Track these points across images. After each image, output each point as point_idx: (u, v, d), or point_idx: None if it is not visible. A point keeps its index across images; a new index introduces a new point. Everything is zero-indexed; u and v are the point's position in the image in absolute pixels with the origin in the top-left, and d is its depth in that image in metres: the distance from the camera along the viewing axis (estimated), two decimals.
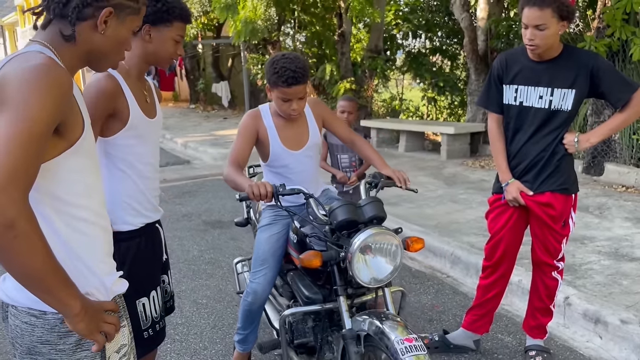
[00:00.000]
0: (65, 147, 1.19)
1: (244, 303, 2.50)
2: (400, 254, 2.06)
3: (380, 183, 2.31)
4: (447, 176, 6.88)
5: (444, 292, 3.78)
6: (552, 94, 2.50)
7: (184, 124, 13.46)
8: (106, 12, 1.24)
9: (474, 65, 8.33)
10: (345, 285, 2.12)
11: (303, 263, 2.07)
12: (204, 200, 6.38)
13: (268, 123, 2.40)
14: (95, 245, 1.31)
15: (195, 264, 4.36)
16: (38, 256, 1.06)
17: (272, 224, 2.47)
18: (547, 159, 2.54)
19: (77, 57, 1.27)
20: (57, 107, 1.11)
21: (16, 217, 1.02)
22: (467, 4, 8.20)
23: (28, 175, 1.06)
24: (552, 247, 2.64)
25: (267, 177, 2.53)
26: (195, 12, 13.76)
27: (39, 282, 1.09)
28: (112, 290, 1.33)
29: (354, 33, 12.91)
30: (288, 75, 2.22)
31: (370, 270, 2.03)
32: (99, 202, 1.33)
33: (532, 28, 2.36)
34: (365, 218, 2.08)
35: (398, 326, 1.89)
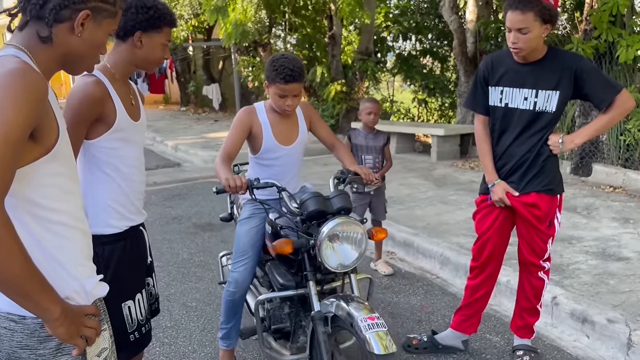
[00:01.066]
0: (41, 153, 1.19)
1: (226, 293, 2.61)
2: (365, 242, 2.24)
3: (348, 178, 2.50)
4: (437, 177, 6.91)
5: (433, 293, 3.80)
6: (537, 95, 2.52)
7: (175, 126, 13.41)
8: (83, 14, 1.24)
9: (464, 67, 8.38)
10: (314, 271, 2.28)
11: (276, 250, 2.24)
12: (194, 203, 6.37)
13: (263, 119, 2.55)
14: (75, 248, 1.30)
15: (185, 266, 4.35)
16: (15, 262, 1.05)
17: (250, 217, 2.61)
18: (533, 160, 2.57)
19: (53, 60, 1.26)
20: (32, 112, 1.11)
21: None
22: (456, 7, 8.26)
23: (3, 181, 1.05)
24: (538, 247, 2.66)
25: (254, 169, 2.65)
26: (186, 15, 13.74)
27: (17, 287, 1.08)
28: (92, 294, 1.32)
29: (344, 35, 12.94)
30: (286, 73, 2.38)
31: (338, 256, 2.21)
32: (77, 206, 1.33)
33: (515, 31, 2.39)
34: (334, 209, 2.25)
35: (363, 308, 2.05)
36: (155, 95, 19.74)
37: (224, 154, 2.44)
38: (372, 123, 4.00)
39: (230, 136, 2.50)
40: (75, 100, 1.78)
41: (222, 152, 2.45)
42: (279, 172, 2.58)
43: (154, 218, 5.74)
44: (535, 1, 2.34)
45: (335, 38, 10.61)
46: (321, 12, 11.30)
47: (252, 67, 11.73)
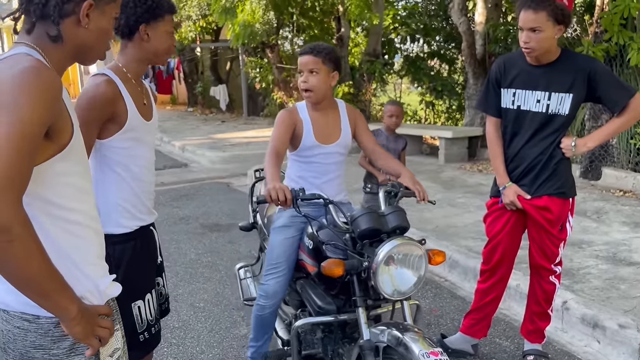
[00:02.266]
0: (55, 151, 1.19)
1: (255, 308, 2.44)
2: (424, 266, 2.01)
3: (400, 193, 2.27)
4: (445, 180, 6.88)
5: (442, 296, 3.77)
6: (550, 98, 2.50)
7: (182, 127, 13.44)
8: (87, 5, 1.23)
9: (472, 69, 8.34)
10: (364, 296, 2.06)
11: (325, 271, 2.00)
12: (201, 204, 6.37)
13: (304, 116, 2.44)
14: (89, 248, 1.30)
15: (193, 267, 4.35)
16: (34, 260, 1.05)
17: (287, 226, 2.41)
18: (545, 163, 2.55)
19: (65, 56, 1.26)
20: (48, 110, 1.11)
21: (11, 221, 1.01)
22: (465, 9, 8.23)
23: (22, 178, 1.05)
24: (550, 251, 2.64)
25: (292, 166, 2.53)
26: (194, 16, 13.77)
27: (36, 286, 1.08)
28: (105, 294, 1.32)
29: (352, 37, 12.93)
30: (304, 47, 2.44)
31: (394, 282, 1.97)
32: (90, 205, 1.33)
33: (527, 31, 2.38)
34: (389, 228, 2.02)
35: (419, 338, 1.83)
36: (162, 96, 19.77)
37: (272, 151, 2.31)
38: (394, 126, 4.03)
39: (275, 134, 2.38)
40: (86, 100, 1.78)
41: (270, 149, 2.33)
42: (317, 170, 2.45)
43: (162, 218, 5.74)
44: (547, 1, 2.33)
45: (343, 39, 10.60)
46: (329, 13, 11.30)
47: (259, 68, 11.73)
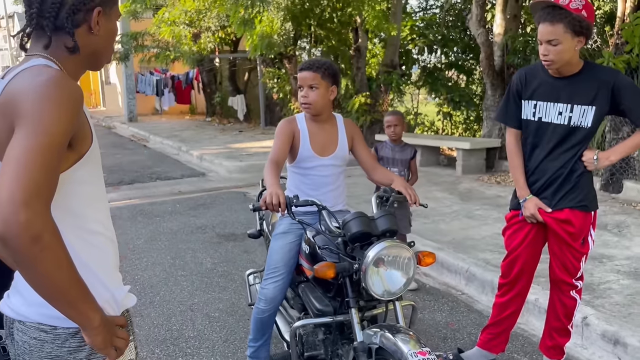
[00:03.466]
0: (75, 160, 1.20)
1: (255, 311, 2.53)
2: (413, 267, 2.09)
3: (392, 197, 2.35)
4: (463, 191, 6.82)
5: (459, 310, 3.72)
6: (572, 110, 2.47)
7: (200, 136, 13.55)
8: (96, 12, 1.26)
9: (490, 80, 8.29)
10: (356, 298, 2.14)
11: (317, 274, 2.09)
12: (218, 213, 6.39)
13: (302, 127, 2.54)
14: (106, 257, 1.31)
15: (209, 276, 4.36)
16: (63, 269, 1.06)
17: (286, 232, 2.52)
18: (566, 176, 2.51)
19: (79, 64, 1.29)
20: (71, 120, 1.12)
21: (42, 230, 1.02)
22: (483, 20, 8.20)
23: (50, 188, 1.06)
24: (571, 265, 2.59)
25: (291, 178, 2.62)
26: (213, 27, 13.92)
27: (63, 294, 1.08)
28: (122, 304, 1.32)
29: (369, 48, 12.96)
30: (305, 62, 2.51)
31: (384, 282, 2.05)
32: (106, 214, 1.34)
33: (545, 43, 2.35)
34: (379, 231, 2.12)
35: (410, 339, 1.90)
36: (181, 106, 20.04)
37: (271, 160, 2.40)
38: (394, 136, 3.98)
39: (276, 144, 2.48)
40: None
41: (270, 159, 2.42)
42: (315, 182, 2.53)
43: (179, 227, 5.78)
44: (564, 13, 2.30)
45: (361, 50, 10.63)
46: (347, 24, 11.34)
47: (277, 79, 11.80)
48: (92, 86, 29.84)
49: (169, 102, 19.19)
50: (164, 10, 14.20)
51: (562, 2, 2.31)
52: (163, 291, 4.05)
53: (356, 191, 6.04)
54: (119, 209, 6.62)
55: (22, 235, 0.99)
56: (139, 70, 19.35)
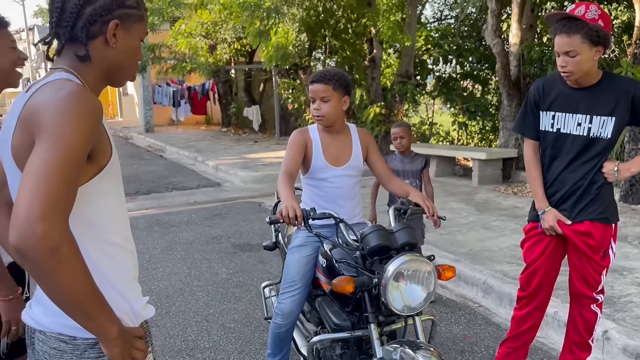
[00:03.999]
0: (95, 172, 1.21)
1: (272, 326, 2.51)
2: (433, 282, 2.05)
3: (410, 210, 2.32)
4: (479, 202, 6.76)
5: (476, 322, 3.68)
6: (591, 121, 2.44)
7: (216, 146, 13.64)
8: (113, 24, 1.25)
9: (506, 90, 8.24)
10: (376, 313, 2.10)
11: (336, 288, 2.06)
12: (233, 223, 6.41)
13: (314, 137, 2.53)
14: (125, 269, 1.31)
15: (224, 287, 4.36)
16: (80, 280, 1.07)
17: (302, 245, 2.49)
18: (586, 188, 2.47)
19: (98, 78, 1.29)
20: (90, 133, 1.13)
21: (60, 242, 1.03)
22: (499, 30, 8.17)
23: (68, 201, 1.08)
24: (592, 279, 2.54)
25: (305, 191, 2.60)
26: (229, 38, 14.06)
27: (80, 306, 1.09)
28: (141, 315, 1.33)
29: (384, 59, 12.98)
30: (315, 75, 2.47)
31: (404, 297, 2.01)
32: (125, 225, 1.35)
33: (563, 55, 2.33)
34: (398, 244, 2.08)
35: (432, 356, 1.86)
36: (197, 116, 20.23)
37: (284, 172, 2.38)
38: (401, 147, 3.93)
39: (288, 155, 2.46)
40: None
41: (283, 170, 2.40)
42: (329, 194, 2.50)
43: (194, 237, 5.81)
44: (581, 23, 2.28)
45: (375, 61, 10.65)
46: (361, 35, 11.38)
47: (292, 90, 11.86)
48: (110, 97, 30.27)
49: (185, 113, 19.38)
50: (180, 22, 14.39)
51: (577, 13, 2.29)
52: (179, 301, 4.07)
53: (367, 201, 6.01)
54: (135, 219, 6.67)
55: (39, 247, 1.00)
56: (156, 82, 19.59)
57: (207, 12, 13.10)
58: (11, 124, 1.19)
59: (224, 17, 12.40)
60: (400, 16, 10.87)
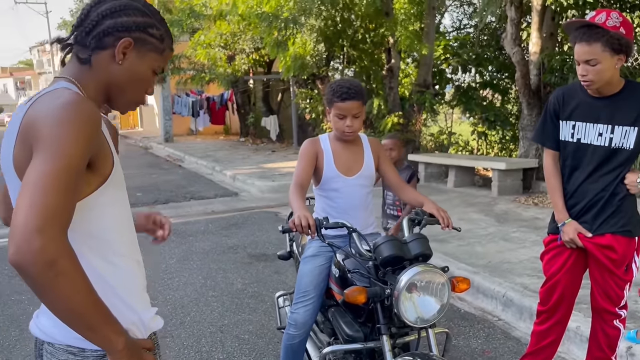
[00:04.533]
0: (99, 183, 1.20)
1: (285, 337, 2.48)
2: (447, 293, 2.01)
3: (424, 220, 2.28)
4: (499, 213, 6.65)
5: (495, 337, 3.59)
6: (613, 131, 2.37)
7: (234, 156, 13.72)
8: (125, 42, 1.24)
9: (527, 99, 8.14)
10: (388, 324, 2.07)
11: (348, 299, 2.03)
12: (249, 233, 6.41)
13: (325, 147, 2.50)
14: (132, 279, 1.30)
15: (239, 297, 4.34)
16: (80, 293, 1.05)
17: (316, 255, 2.47)
18: (607, 199, 2.40)
19: (98, 89, 1.27)
20: (88, 142, 1.11)
21: (57, 255, 1.01)
22: (518, 39, 8.08)
23: (66, 213, 1.06)
24: (614, 294, 2.46)
25: (318, 202, 2.58)
26: (247, 49, 14.18)
27: (83, 319, 1.07)
28: (149, 327, 1.31)
29: (402, 68, 12.94)
30: (342, 91, 2.36)
31: (417, 309, 1.98)
32: (132, 235, 1.33)
33: (583, 64, 2.27)
34: (411, 255, 2.05)
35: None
36: (216, 126, 20.39)
37: (295, 183, 2.37)
38: (391, 158, 3.84)
39: (299, 166, 2.45)
40: None
41: (294, 181, 2.39)
42: (342, 204, 2.47)
43: (211, 247, 5.81)
44: (601, 31, 2.23)
45: (393, 71, 10.62)
46: (379, 45, 11.37)
47: (309, 99, 11.88)
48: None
49: (204, 123, 19.56)
50: (200, 34, 14.56)
51: (598, 21, 2.23)
52: (194, 312, 4.05)
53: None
54: None
55: (36, 261, 0.98)
56: (175, 92, 19.83)
57: (226, 23, 13.24)
58: (12, 135, 1.18)
59: (243, 28, 12.52)
60: (418, 25, 10.84)
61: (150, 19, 1.29)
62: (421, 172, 9.40)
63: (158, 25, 1.30)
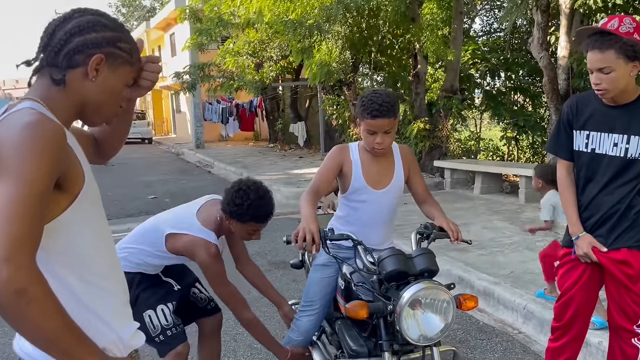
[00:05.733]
0: (69, 201, 1.17)
1: (285, 339, 2.48)
2: (452, 312, 1.96)
3: (433, 234, 2.22)
4: (525, 221, 6.47)
5: (514, 351, 3.49)
6: (629, 141, 2.28)
7: (262, 162, 13.82)
8: (97, 58, 1.21)
9: (555, 105, 7.94)
10: (391, 341, 2.03)
11: (349, 313, 2.00)
12: (271, 240, 6.41)
13: (354, 157, 2.38)
14: (110, 297, 1.29)
15: (255, 305, 4.33)
16: (52, 318, 1.04)
17: (325, 265, 2.43)
18: (623, 212, 2.31)
19: (69, 108, 1.24)
20: (53, 163, 1.09)
21: (27, 283, 1.00)
22: (546, 43, 7.90)
23: (33, 238, 1.04)
24: (631, 310, 2.36)
25: (341, 209, 2.49)
26: (275, 56, 14.29)
27: (57, 343, 1.06)
28: (129, 345, 1.31)
29: (431, 73, 12.82)
30: (373, 107, 2.21)
31: (420, 327, 1.93)
32: (110, 251, 1.32)
33: (596, 72, 2.20)
34: (416, 270, 2.00)
35: None
36: (245, 133, 20.64)
37: (312, 188, 2.29)
38: None
39: (321, 171, 2.37)
40: None
41: (311, 186, 2.31)
42: (366, 217, 2.38)
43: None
44: (614, 38, 2.15)
45: (420, 76, 10.53)
46: (407, 51, 11.30)
47: (336, 106, 11.89)
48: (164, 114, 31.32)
49: (234, 129, 19.81)
50: (229, 42, 14.77)
51: (610, 27, 2.16)
52: None
53: (412, 219, 5.89)
54: None
55: (5, 291, 0.97)
56: (206, 99, 20.14)
57: (254, 31, 13.37)
58: None
59: (270, 36, 12.62)
60: (447, 30, 10.72)
61: (118, 33, 1.26)
62: (447, 179, 9.27)
63: (126, 38, 1.28)
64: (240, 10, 12.42)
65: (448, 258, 4.91)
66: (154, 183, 11.69)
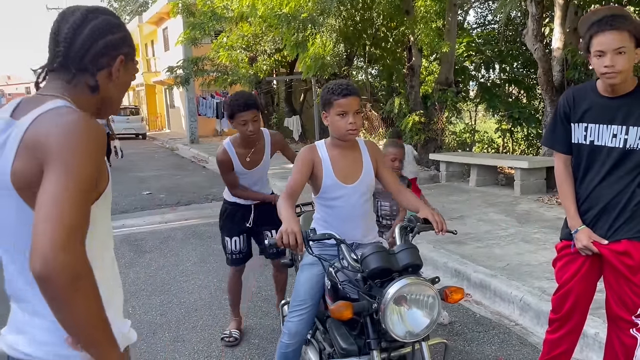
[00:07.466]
0: (96, 198, 1.22)
1: (279, 345, 2.45)
2: (437, 307, 1.94)
3: (417, 227, 2.19)
4: (520, 213, 6.50)
5: (511, 343, 3.49)
6: (627, 132, 2.27)
7: None
8: (120, 60, 1.29)
9: (549, 96, 7.93)
10: (378, 338, 2.00)
11: (333, 314, 1.97)
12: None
13: (323, 155, 2.40)
14: (115, 293, 1.33)
15: (252, 300, 4.34)
16: (93, 307, 1.10)
17: (313, 264, 2.41)
18: (624, 204, 2.29)
19: (91, 107, 1.30)
20: (97, 160, 1.15)
21: (81, 271, 1.06)
22: (540, 34, 7.88)
23: (84, 227, 1.10)
24: (630, 301, 2.36)
25: (318, 211, 2.50)
26: (269, 50, 14.22)
27: (89, 330, 1.10)
28: (127, 338, 1.32)
29: (426, 66, 12.79)
30: (342, 87, 2.29)
31: (405, 323, 1.91)
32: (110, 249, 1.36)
33: (611, 53, 2.15)
34: (400, 266, 1.97)
35: None
36: None
37: (287, 191, 2.30)
38: (397, 169, 3.75)
39: (293, 174, 2.37)
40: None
41: (286, 189, 2.32)
42: (344, 214, 2.39)
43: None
44: (629, 19, 2.14)
45: (414, 69, 10.50)
46: (401, 43, 11.26)
47: None
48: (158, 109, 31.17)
49: (229, 124, 19.67)
50: (222, 36, 14.67)
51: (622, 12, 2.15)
52: (206, 316, 4.07)
53: None
54: (173, 230, 6.79)
55: (61, 276, 1.02)
56: (200, 94, 20.05)
57: (248, 25, 13.30)
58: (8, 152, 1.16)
59: (264, 30, 12.55)
60: (441, 23, 10.69)
61: (126, 31, 1.33)
62: (442, 172, 9.27)
63: (130, 35, 1.35)
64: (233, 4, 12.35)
65: (444, 251, 4.91)
66: (149, 179, 11.64)
